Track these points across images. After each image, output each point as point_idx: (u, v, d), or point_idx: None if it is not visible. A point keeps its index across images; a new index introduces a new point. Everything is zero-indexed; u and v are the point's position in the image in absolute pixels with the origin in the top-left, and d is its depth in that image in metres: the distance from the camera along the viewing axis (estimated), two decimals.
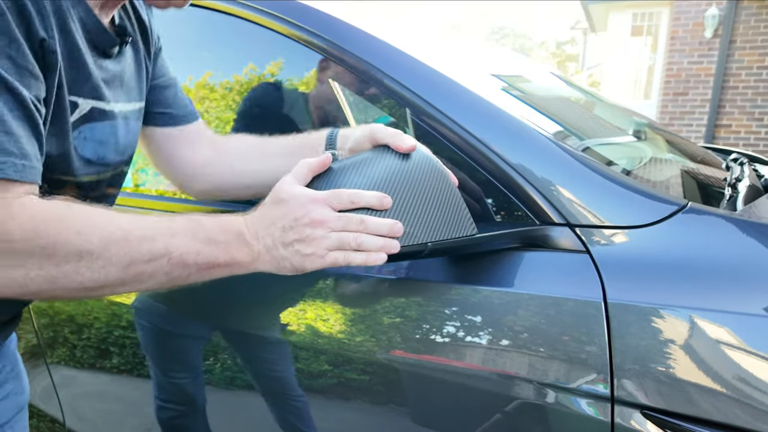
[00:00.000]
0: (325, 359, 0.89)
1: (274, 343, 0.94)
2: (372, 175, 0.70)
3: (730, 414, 0.63)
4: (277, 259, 0.66)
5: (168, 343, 1.08)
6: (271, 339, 0.94)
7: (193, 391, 1.05)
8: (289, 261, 0.66)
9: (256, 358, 0.98)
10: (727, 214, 0.81)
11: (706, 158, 1.47)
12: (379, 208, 0.66)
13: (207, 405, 1.03)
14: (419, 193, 0.70)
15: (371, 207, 0.66)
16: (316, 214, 0.64)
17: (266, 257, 0.67)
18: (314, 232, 0.64)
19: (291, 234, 0.65)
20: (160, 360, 1.09)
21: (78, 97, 0.67)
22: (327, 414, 0.93)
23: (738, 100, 6.65)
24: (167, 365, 1.08)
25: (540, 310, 0.73)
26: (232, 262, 0.66)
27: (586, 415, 0.70)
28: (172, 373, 1.08)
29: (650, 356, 0.67)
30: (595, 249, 0.75)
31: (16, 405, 0.85)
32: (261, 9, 1.04)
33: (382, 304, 0.85)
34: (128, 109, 0.79)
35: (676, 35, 6.87)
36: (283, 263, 0.66)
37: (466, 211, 0.73)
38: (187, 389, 1.05)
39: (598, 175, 0.82)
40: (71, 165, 0.69)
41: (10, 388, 0.83)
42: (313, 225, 0.64)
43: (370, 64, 0.94)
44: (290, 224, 0.65)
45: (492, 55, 1.59)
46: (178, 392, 1.07)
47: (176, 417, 1.08)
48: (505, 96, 1.08)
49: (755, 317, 0.65)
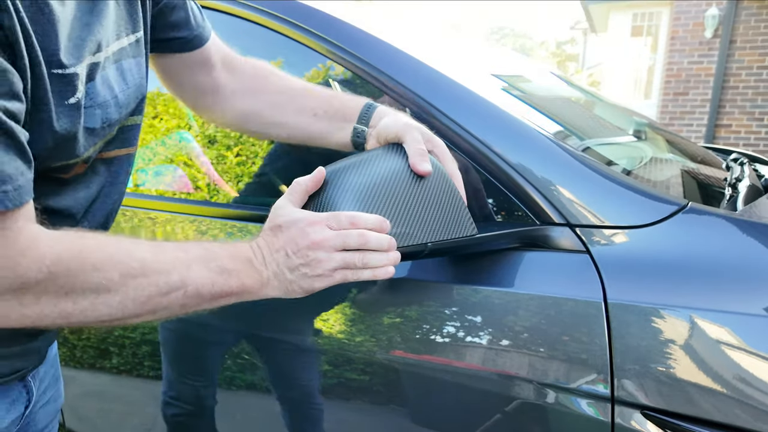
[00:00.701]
0: (325, 359, 0.89)
1: (303, 350, 0.93)
2: (373, 175, 0.70)
3: (730, 414, 0.63)
4: (284, 284, 0.67)
5: (191, 347, 1.06)
6: (301, 346, 0.93)
7: (204, 393, 1.04)
8: (297, 284, 0.66)
9: (280, 364, 0.97)
10: (728, 214, 0.81)
11: (707, 158, 1.47)
12: (378, 231, 0.66)
13: (216, 407, 1.03)
14: (419, 193, 0.70)
15: (372, 230, 0.66)
16: (315, 236, 0.64)
17: (274, 282, 0.67)
18: (317, 254, 0.64)
19: (295, 259, 0.65)
20: (177, 361, 1.08)
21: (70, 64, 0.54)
22: (327, 414, 0.93)
23: (738, 100, 6.65)
24: (184, 367, 1.07)
25: (540, 310, 0.73)
26: (242, 290, 0.65)
27: (586, 415, 0.70)
28: (188, 374, 1.07)
29: (650, 356, 0.67)
30: (596, 249, 0.75)
31: (54, 410, 0.84)
32: (261, 9, 1.04)
33: (382, 304, 0.85)
34: (117, 47, 0.64)
35: (676, 35, 6.87)
36: (291, 287, 0.67)
37: (466, 211, 0.73)
38: (200, 391, 1.05)
39: (599, 175, 0.82)
40: (77, 145, 0.59)
41: (50, 393, 0.82)
42: (315, 247, 0.64)
43: (370, 64, 0.94)
44: (293, 250, 0.65)
45: (492, 54, 1.59)
46: (190, 393, 1.06)
47: (181, 415, 1.08)
48: (505, 96, 1.08)
49: (755, 317, 0.65)
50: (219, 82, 0.86)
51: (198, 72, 0.84)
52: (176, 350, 1.08)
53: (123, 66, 0.65)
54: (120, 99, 0.64)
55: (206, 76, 0.85)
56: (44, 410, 0.80)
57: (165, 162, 1.22)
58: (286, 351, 0.95)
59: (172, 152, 1.21)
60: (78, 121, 0.57)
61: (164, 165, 1.22)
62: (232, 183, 1.15)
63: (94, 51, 0.58)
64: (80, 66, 0.56)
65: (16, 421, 0.71)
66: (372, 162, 0.72)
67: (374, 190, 0.69)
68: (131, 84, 0.67)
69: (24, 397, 0.72)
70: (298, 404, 0.96)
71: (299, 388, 0.95)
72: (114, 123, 0.65)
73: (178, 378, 1.07)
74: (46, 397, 0.80)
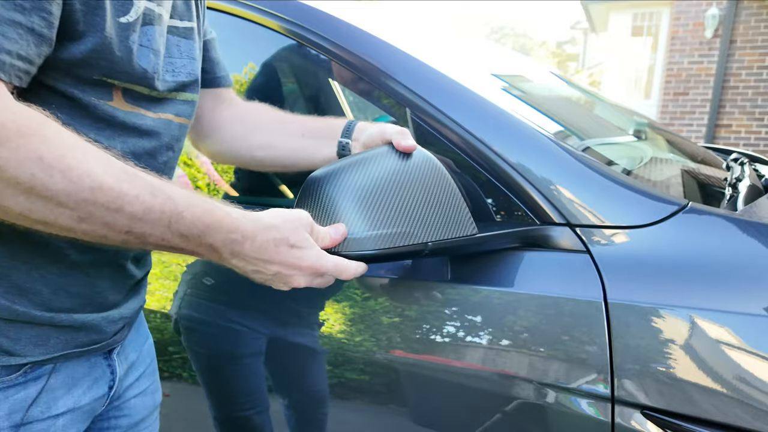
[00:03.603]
0: (324, 359, 0.89)
1: (313, 353, 0.91)
2: (373, 174, 0.70)
3: (730, 414, 0.63)
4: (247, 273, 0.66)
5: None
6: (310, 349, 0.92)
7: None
8: (262, 275, 0.65)
9: (294, 367, 0.95)
10: (728, 214, 0.81)
11: (707, 158, 1.47)
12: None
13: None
14: (419, 192, 0.70)
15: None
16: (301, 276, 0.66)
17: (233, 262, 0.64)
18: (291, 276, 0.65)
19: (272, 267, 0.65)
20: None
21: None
22: (327, 414, 0.92)
23: (738, 99, 6.65)
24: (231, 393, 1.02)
25: (540, 310, 0.73)
26: (192, 254, 0.62)
27: (586, 415, 0.70)
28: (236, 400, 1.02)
29: (650, 356, 0.67)
30: (596, 249, 0.75)
31: (152, 404, 0.83)
32: (261, 9, 1.04)
33: (382, 304, 0.85)
34: (174, 24, 0.70)
35: (677, 35, 6.87)
36: (254, 276, 0.66)
37: (466, 210, 0.73)
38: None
39: (599, 174, 0.82)
40: (132, 68, 0.60)
41: (147, 384, 0.82)
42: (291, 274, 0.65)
43: (369, 63, 0.94)
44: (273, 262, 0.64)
45: (492, 54, 1.59)
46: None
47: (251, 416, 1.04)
48: (505, 96, 1.07)
49: (755, 317, 0.65)
50: (219, 115, 0.91)
51: (207, 107, 0.90)
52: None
53: (179, 39, 0.71)
54: (176, 63, 0.69)
55: (212, 111, 0.90)
56: (141, 401, 0.80)
57: None
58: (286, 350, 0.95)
59: None
60: (128, 44, 0.59)
61: None
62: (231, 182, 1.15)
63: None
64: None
65: (100, 401, 0.71)
66: (372, 161, 0.72)
67: (374, 189, 0.69)
68: (185, 56, 0.72)
69: (108, 376, 0.72)
70: (306, 409, 0.96)
71: (308, 393, 0.94)
72: (164, 80, 0.67)
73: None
74: (141, 385, 0.80)
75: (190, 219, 0.57)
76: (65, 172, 0.50)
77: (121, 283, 0.71)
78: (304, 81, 1.16)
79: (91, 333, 0.67)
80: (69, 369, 0.67)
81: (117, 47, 0.58)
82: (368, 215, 0.68)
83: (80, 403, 0.68)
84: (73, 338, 0.66)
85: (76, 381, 0.68)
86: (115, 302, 0.70)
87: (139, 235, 0.56)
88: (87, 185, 0.51)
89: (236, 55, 1.15)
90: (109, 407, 0.75)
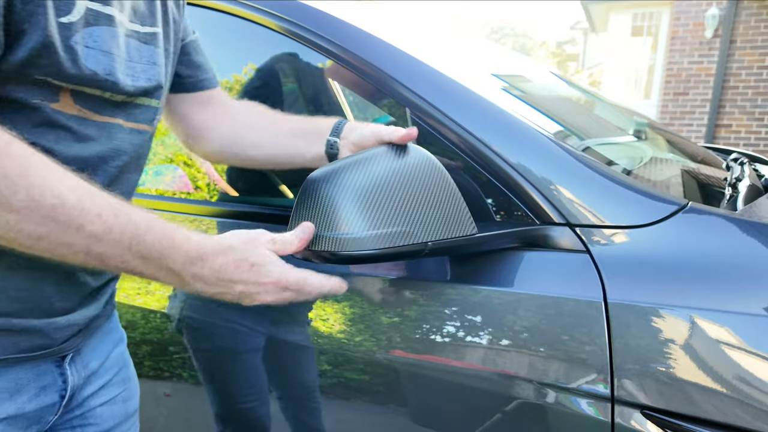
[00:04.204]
0: (324, 359, 0.89)
1: (302, 348, 0.92)
2: (373, 174, 0.70)
3: (730, 414, 0.63)
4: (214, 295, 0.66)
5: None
6: (300, 345, 0.93)
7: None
8: (229, 295, 0.66)
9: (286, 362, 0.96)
10: (728, 213, 0.81)
11: (707, 158, 1.47)
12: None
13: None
14: (419, 192, 0.70)
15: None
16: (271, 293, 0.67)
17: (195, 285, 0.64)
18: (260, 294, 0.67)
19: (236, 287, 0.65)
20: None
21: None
22: (326, 414, 0.92)
23: (738, 99, 6.65)
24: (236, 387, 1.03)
25: (540, 310, 0.73)
26: (153, 279, 0.63)
27: (586, 415, 0.70)
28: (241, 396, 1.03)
29: (650, 356, 0.67)
30: (596, 249, 0.75)
31: (124, 412, 0.82)
32: (261, 9, 1.04)
33: (381, 303, 0.85)
34: (135, 29, 0.68)
35: (677, 35, 6.87)
36: (222, 297, 0.66)
37: (466, 210, 0.73)
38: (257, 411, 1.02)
39: (599, 174, 0.82)
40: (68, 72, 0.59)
41: (116, 392, 0.81)
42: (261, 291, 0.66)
43: (369, 63, 0.94)
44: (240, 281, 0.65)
45: (492, 54, 1.59)
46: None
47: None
48: (505, 96, 1.07)
49: (755, 317, 0.65)
50: (209, 116, 0.92)
51: (196, 109, 0.90)
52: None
53: (139, 44, 0.69)
54: (136, 68, 0.67)
55: (202, 113, 0.91)
56: (108, 409, 0.79)
57: (165, 162, 1.22)
58: (286, 349, 0.95)
59: (172, 152, 1.21)
60: (70, 44, 0.58)
61: (164, 165, 1.22)
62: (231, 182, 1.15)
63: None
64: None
65: (50, 409, 0.70)
66: (371, 161, 0.72)
67: (374, 189, 0.69)
68: (146, 61, 0.70)
69: (59, 385, 0.70)
70: (299, 400, 0.96)
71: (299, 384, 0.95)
72: (124, 83, 0.65)
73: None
74: (108, 394, 0.79)
75: (150, 241, 0.59)
76: (29, 189, 0.51)
77: (70, 291, 0.69)
78: (304, 81, 1.16)
79: (35, 338, 0.66)
80: (11, 374, 0.65)
81: (60, 47, 0.57)
82: (368, 215, 0.68)
83: (24, 410, 0.66)
84: (13, 343, 0.64)
85: (20, 387, 0.66)
86: (65, 309, 0.68)
87: (98, 255, 0.57)
88: (49, 202, 0.52)
89: (235, 54, 1.15)
90: (70, 416, 0.73)
